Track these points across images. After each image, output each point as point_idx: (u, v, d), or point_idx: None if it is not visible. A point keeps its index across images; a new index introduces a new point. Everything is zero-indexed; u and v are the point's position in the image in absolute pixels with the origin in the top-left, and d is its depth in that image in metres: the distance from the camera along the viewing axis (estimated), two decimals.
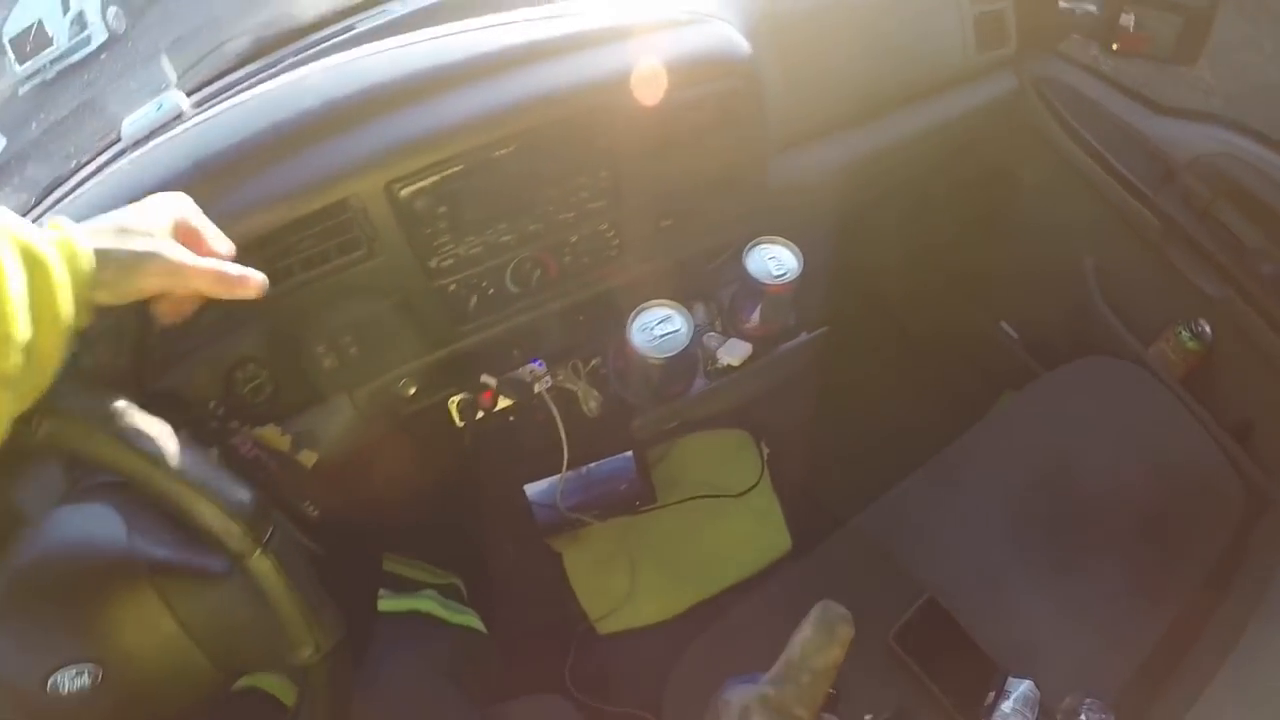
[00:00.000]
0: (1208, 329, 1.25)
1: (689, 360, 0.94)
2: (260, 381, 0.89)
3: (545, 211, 0.91)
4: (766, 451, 1.40)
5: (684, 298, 1.00)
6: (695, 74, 0.91)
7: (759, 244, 0.95)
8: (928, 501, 1.17)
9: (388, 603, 1.10)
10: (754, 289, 0.93)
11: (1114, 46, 1.26)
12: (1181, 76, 1.37)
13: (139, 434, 0.57)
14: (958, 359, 1.68)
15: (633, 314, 0.92)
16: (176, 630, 0.63)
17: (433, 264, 0.89)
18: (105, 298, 0.57)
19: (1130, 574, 1.10)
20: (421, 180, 0.83)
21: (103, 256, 0.56)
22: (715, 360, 0.97)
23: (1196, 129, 1.21)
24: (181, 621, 0.63)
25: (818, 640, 0.53)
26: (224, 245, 0.67)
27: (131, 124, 1.04)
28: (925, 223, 1.45)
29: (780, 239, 0.95)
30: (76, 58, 4.21)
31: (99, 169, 1.02)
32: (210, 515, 0.59)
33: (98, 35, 4.33)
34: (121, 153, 1.02)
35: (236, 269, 0.64)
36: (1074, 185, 1.33)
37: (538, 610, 1.37)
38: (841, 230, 1.22)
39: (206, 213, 0.73)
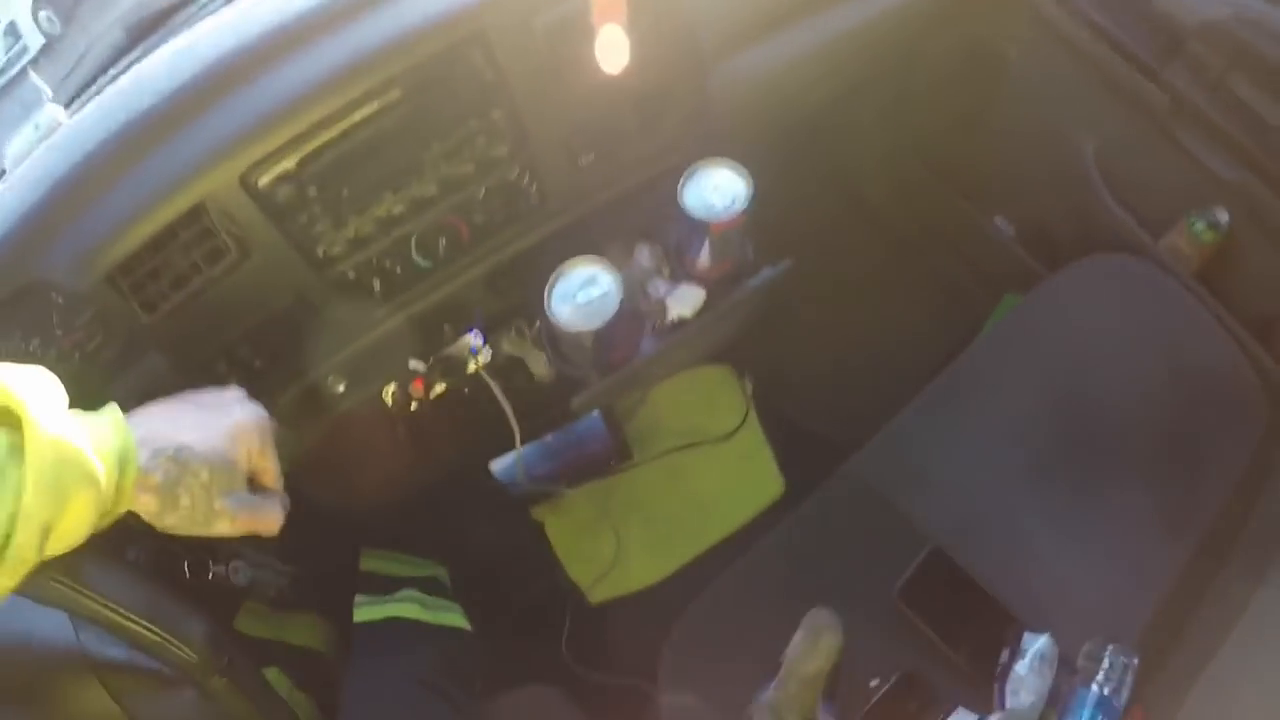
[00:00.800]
0: (1224, 216, 1.12)
1: (629, 321, 0.82)
2: None
3: (436, 170, 0.78)
4: (750, 386, 1.29)
5: (625, 240, 0.87)
6: None
7: (697, 171, 0.81)
8: (928, 437, 1.08)
9: (365, 611, 1.04)
10: (697, 226, 0.80)
11: None
12: None
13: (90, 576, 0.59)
14: (951, 261, 1.55)
15: (550, 280, 0.80)
16: None
17: (319, 253, 0.79)
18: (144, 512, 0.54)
19: (1152, 499, 1.02)
20: (278, 164, 0.72)
21: (163, 496, 0.53)
22: (665, 312, 0.84)
23: None
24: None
25: (803, 648, 0.57)
26: (277, 480, 0.64)
27: (15, 148, 0.97)
28: (905, 114, 1.31)
29: (724, 161, 0.82)
30: (16, 70, 3.99)
31: None
32: (169, 650, 0.62)
33: (33, 42, 4.11)
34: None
35: (278, 515, 0.61)
36: (1067, 61, 1.18)
37: (527, 586, 1.31)
38: (812, 132, 1.07)
39: (63, 254, 0.70)
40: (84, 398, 0.74)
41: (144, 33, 0.98)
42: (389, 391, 0.96)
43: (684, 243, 0.85)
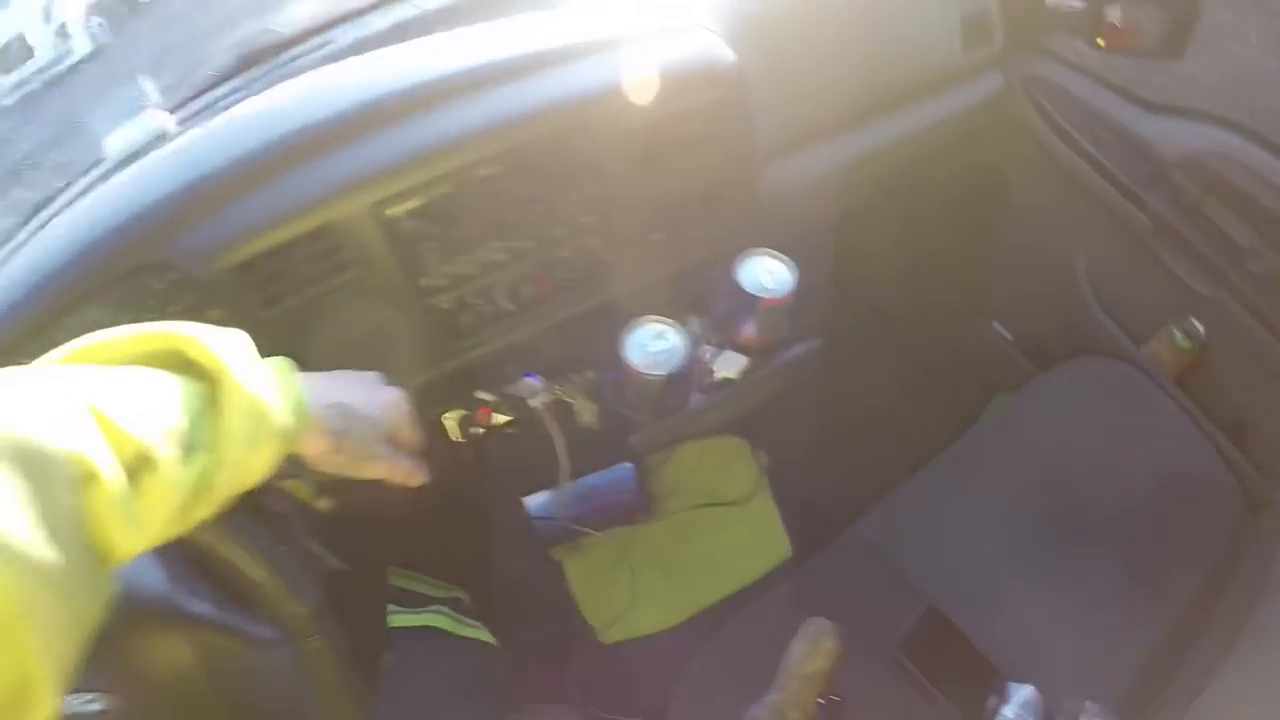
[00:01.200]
0: (1200, 328, 1.25)
1: (685, 375, 0.93)
2: None
3: (535, 228, 0.91)
4: (765, 459, 1.40)
5: (678, 310, 0.99)
6: (681, 86, 0.91)
7: (751, 256, 0.94)
8: (926, 507, 1.17)
9: (399, 618, 1.10)
10: (747, 302, 0.93)
11: (1100, 42, 1.26)
12: (1165, 68, 1.36)
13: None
14: (951, 360, 1.68)
15: (627, 331, 0.92)
16: (204, 684, 0.65)
17: (424, 282, 0.89)
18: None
19: (1130, 575, 1.11)
20: (408, 201, 0.83)
21: (330, 440, 0.61)
22: (711, 373, 0.96)
23: (1185, 126, 1.20)
24: (211, 676, 0.65)
25: (805, 651, 0.65)
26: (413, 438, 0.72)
27: (115, 144, 1.02)
28: (916, 224, 1.46)
29: (773, 251, 0.95)
30: (60, 69, 4.17)
31: (86, 190, 1.01)
32: (281, 602, 0.65)
33: (81, 47, 4.30)
34: (107, 174, 1.02)
35: (423, 471, 0.70)
36: (1063, 183, 1.32)
37: (541, 621, 1.37)
38: (839, 232, 1.21)
39: (182, 249, 0.77)
40: None
41: (253, 62, 1.12)
42: (451, 418, 1.05)
43: (732, 315, 0.97)
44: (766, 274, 0.93)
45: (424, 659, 1.08)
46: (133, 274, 0.79)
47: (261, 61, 1.13)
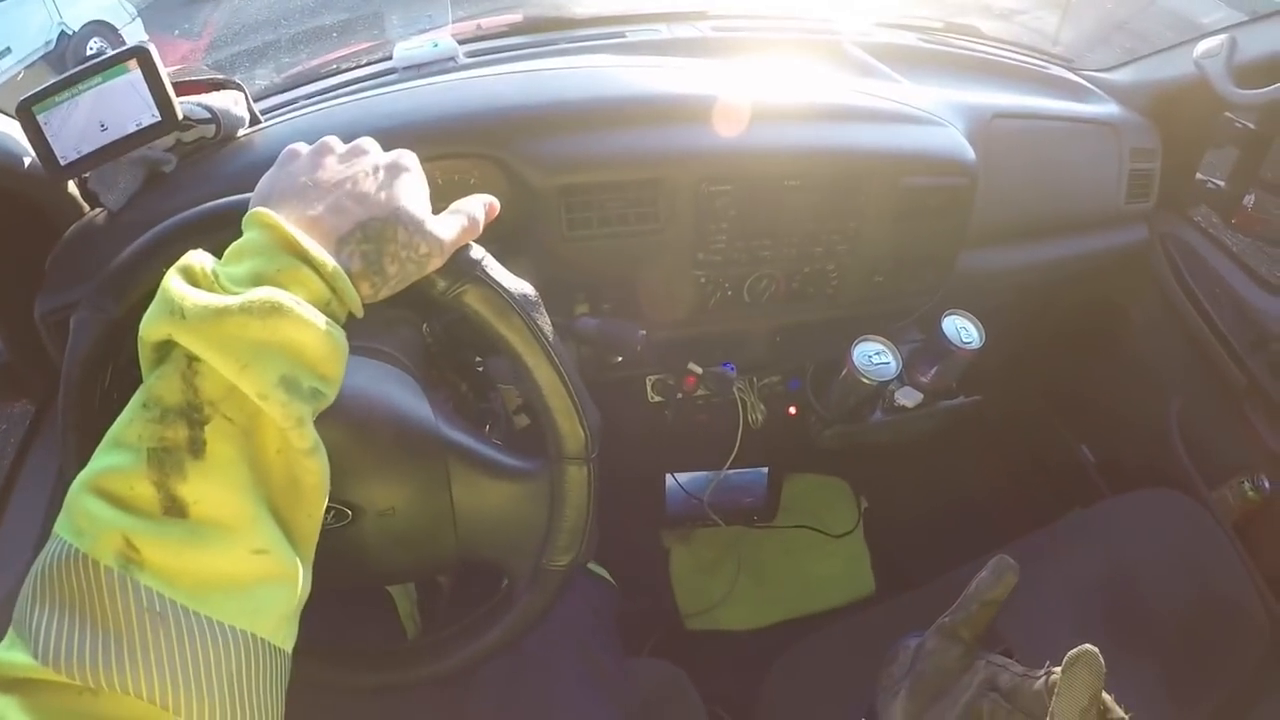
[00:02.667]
0: (1267, 484, 1.39)
1: (882, 392, 1.10)
2: None
3: (801, 241, 1.08)
4: (865, 505, 1.56)
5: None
6: (936, 165, 1.12)
7: (952, 314, 1.12)
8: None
9: None
10: (942, 349, 1.10)
11: (1232, 221, 1.47)
12: None
13: (545, 327, 0.60)
14: (1035, 468, 1.84)
15: (856, 340, 1.10)
16: (446, 506, 0.65)
17: (701, 255, 1.05)
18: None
19: (1166, 679, 1.22)
20: (725, 184, 1.00)
21: (372, 279, 0.52)
22: (894, 400, 1.14)
23: None
24: (454, 500, 0.65)
25: (990, 579, 0.63)
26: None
27: (405, 51, 1.16)
28: (1038, 335, 1.63)
29: (969, 314, 1.13)
30: None
31: (366, 79, 1.15)
32: (567, 415, 0.62)
33: None
34: (390, 73, 1.16)
35: (480, 209, 0.60)
36: (1176, 332, 1.50)
37: (631, 594, 1.48)
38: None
39: (522, 153, 0.88)
40: None
41: (541, 27, 1.29)
42: (651, 380, 1.19)
43: (921, 358, 1.15)
44: (962, 330, 1.11)
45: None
46: (456, 158, 0.90)
47: (549, 30, 1.30)
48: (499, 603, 0.69)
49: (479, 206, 0.59)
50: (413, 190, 0.55)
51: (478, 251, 0.58)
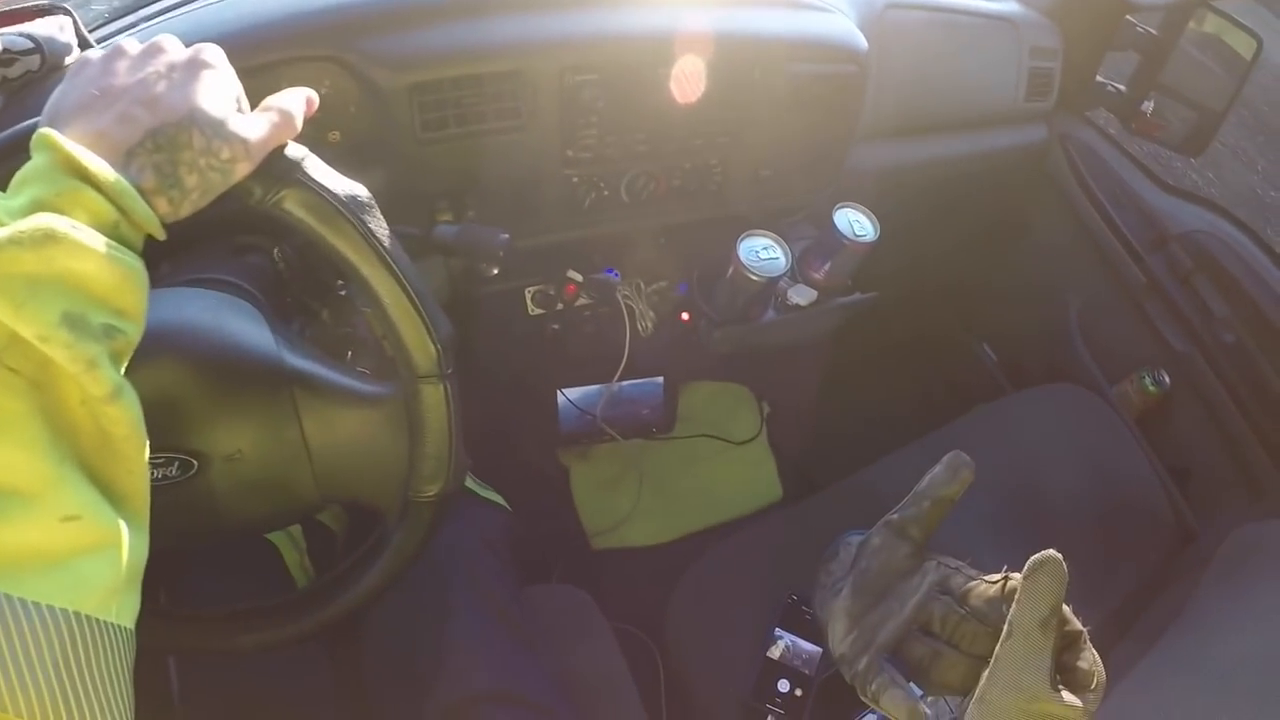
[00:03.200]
0: (1167, 378, 1.44)
1: (772, 289, 1.07)
2: None
3: (679, 133, 1.03)
4: (767, 410, 1.54)
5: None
6: (828, 53, 1.07)
7: (844, 206, 1.09)
8: (913, 469, 1.31)
9: None
10: (834, 243, 1.07)
11: (1132, 125, 1.48)
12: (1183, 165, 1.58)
13: (379, 231, 0.54)
14: (937, 369, 1.86)
15: (742, 235, 1.05)
16: (298, 443, 0.60)
17: (570, 153, 1.00)
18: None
19: (1076, 572, 1.25)
20: (591, 73, 0.94)
21: (169, 194, 0.47)
22: (786, 298, 1.11)
23: (1190, 209, 1.42)
24: (305, 435, 0.60)
25: (944, 476, 0.60)
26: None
27: None
28: (935, 235, 1.60)
29: (863, 207, 1.10)
30: None
31: None
32: (413, 327, 0.56)
33: None
34: None
35: (297, 104, 0.54)
36: (1075, 232, 1.52)
37: (532, 518, 1.46)
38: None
39: (367, 50, 0.81)
40: None
41: None
42: (530, 291, 1.15)
43: (813, 254, 1.12)
44: (855, 222, 1.08)
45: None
46: (302, 62, 0.83)
47: None
48: (373, 544, 0.64)
49: (295, 101, 0.53)
50: (212, 88, 0.49)
51: (296, 150, 0.52)
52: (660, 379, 1.37)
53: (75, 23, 0.89)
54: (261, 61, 0.81)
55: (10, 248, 0.38)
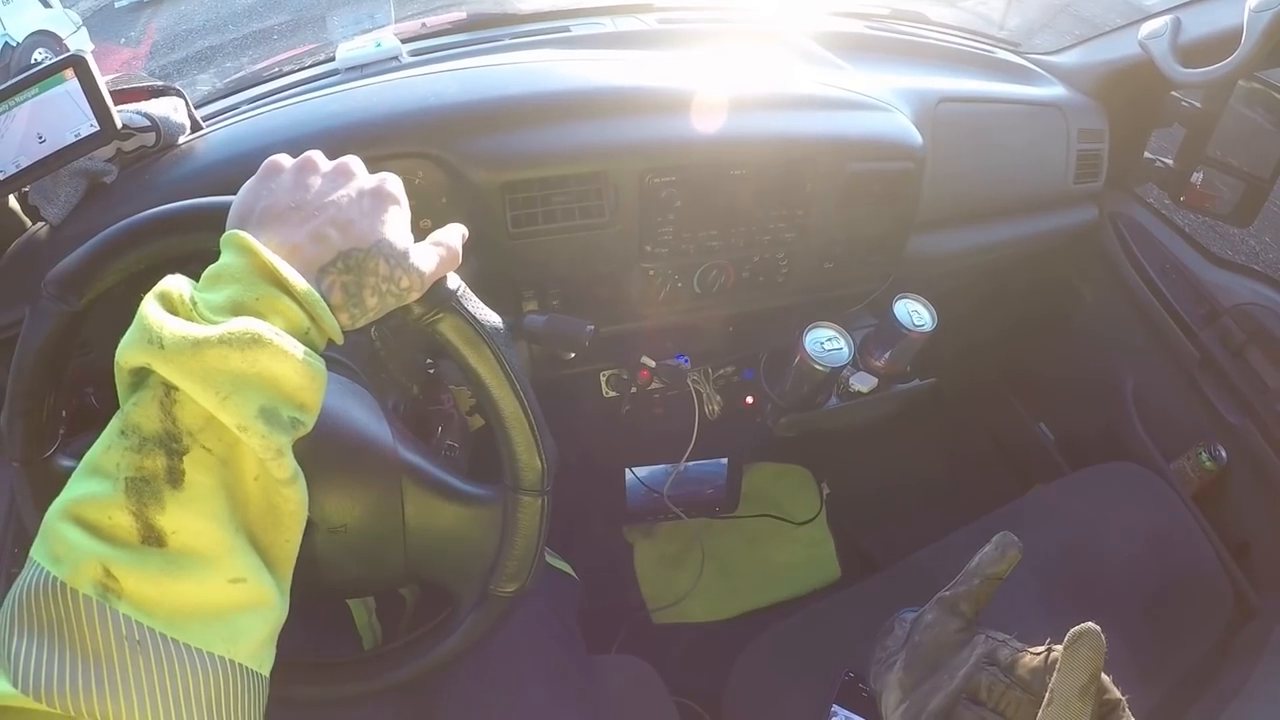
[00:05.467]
0: (1224, 453, 1.43)
1: (836, 378, 1.13)
2: None
3: (749, 229, 1.09)
4: (827, 491, 1.59)
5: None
6: (885, 151, 1.13)
7: (904, 297, 1.15)
8: (964, 557, 1.32)
9: None
10: (894, 333, 1.13)
11: (1181, 199, 1.48)
12: (1233, 234, 1.59)
13: (511, 359, 0.61)
14: (995, 449, 1.86)
15: (808, 327, 1.11)
16: (397, 527, 0.66)
17: (649, 247, 1.06)
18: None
19: (1131, 652, 1.22)
20: (670, 175, 1.01)
21: (351, 312, 0.53)
22: (848, 385, 1.16)
23: (1241, 281, 1.42)
24: (405, 520, 0.66)
25: (993, 555, 0.62)
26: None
27: (348, 52, 1.16)
28: (990, 317, 1.65)
29: (921, 298, 1.15)
30: None
31: (309, 81, 1.14)
32: (526, 445, 0.62)
33: None
34: (333, 74, 1.15)
35: (459, 240, 0.61)
36: (1127, 309, 1.53)
37: (596, 591, 1.49)
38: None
39: (464, 151, 0.87)
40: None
41: (484, 24, 1.30)
42: (605, 375, 1.21)
43: (874, 342, 1.17)
44: (914, 313, 1.13)
45: None
46: (401, 158, 0.90)
47: (493, 26, 1.31)
48: (442, 622, 0.69)
49: (457, 237, 0.60)
50: (396, 220, 0.55)
51: (454, 282, 0.59)
52: (725, 460, 1.42)
53: (187, 104, 0.98)
54: (363, 156, 0.90)
55: (220, 347, 0.44)
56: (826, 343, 1.10)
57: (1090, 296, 1.62)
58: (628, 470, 1.39)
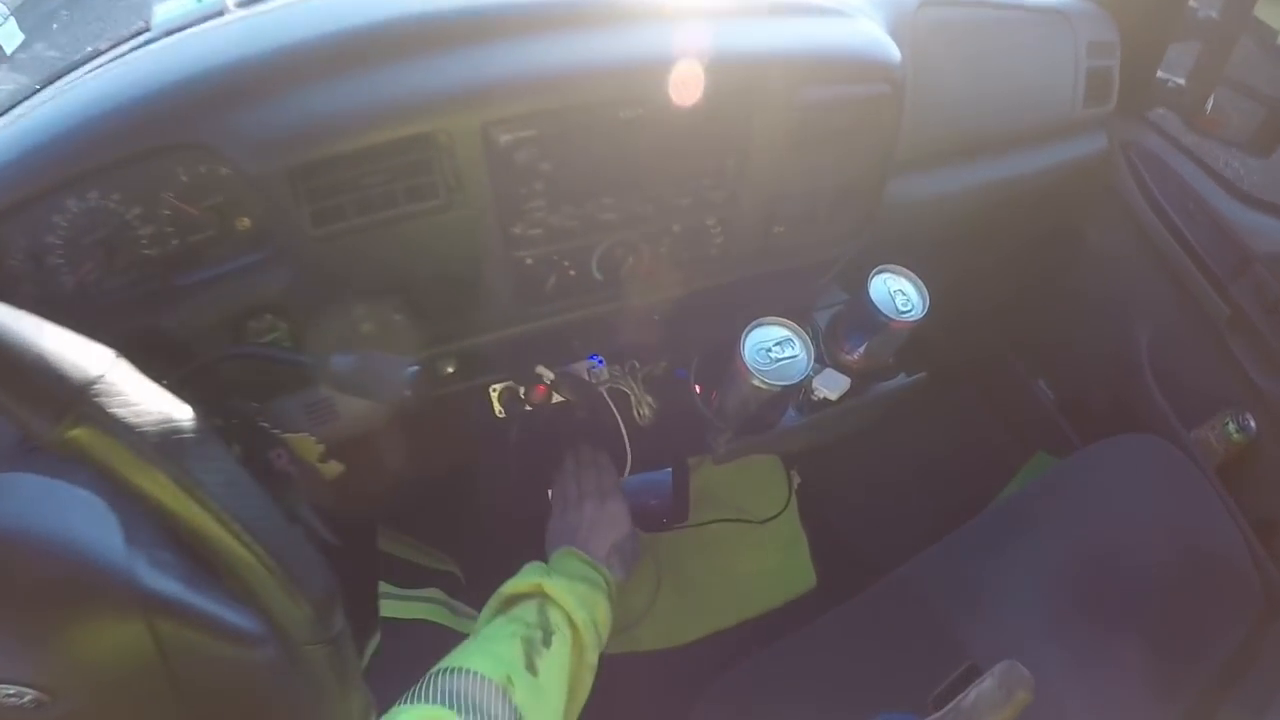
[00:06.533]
0: (1253, 423, 1.16)
1: (792, 394, 0.79)
2: (277, 336, 0.70)
3: (659, 192, 0.74)
4: (798, 481, 1.26)
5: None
6: (849, 71, 0.77)
7: (883, 271, 0.80)
8: (968, 562, 1.07)
9: (393, 606, 0.93)
10: (871, 320, 0.78)
11: (1195, 123, 1.19)
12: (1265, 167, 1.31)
13: (199, 468, 0.41)
14: (990, 410, 1.57)
15: (747, 329, 0.76)
16: (164, 688, 0.47)
17: (516, 230, 0.72)
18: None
19: (1154, 659, 1.02)
20: (528, 128, 0.66)
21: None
22: (810, 392, 0.82)
23: (1277, 224, 1.13)
24: (174, 678, 0.47)
25: (994, 697, 0.50)
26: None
27: (165, 13, 0.84)
28: (984, 268, 1.34)
29: (906, 271, 0.81)
30: None
31: (119, 58, 0.82)
32: (277, 597, 0.44)
33: None
34: (148, 43, 0.83)
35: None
36: (1143, 255, 1.23)
37: None
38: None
39: (229, 132, 0.60)
40: (171, 291, 0.64)
41: None
42: (497, 390, 0.89)
43: (844, 331, 0.83)
44: (898, 294, 0.79)
45: (414, 654, 0.92)
46: (155, 155, 0.62)
47: None
48: None
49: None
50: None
51: (95, 365, 0.41)
52: (668, 470, 1.10)
53: None
54: (112, 159, 0.61)
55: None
56: (775, 348, 0.75)
57: (1098, 239, 1.30)
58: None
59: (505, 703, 0.60)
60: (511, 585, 0.71)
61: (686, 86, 0.66)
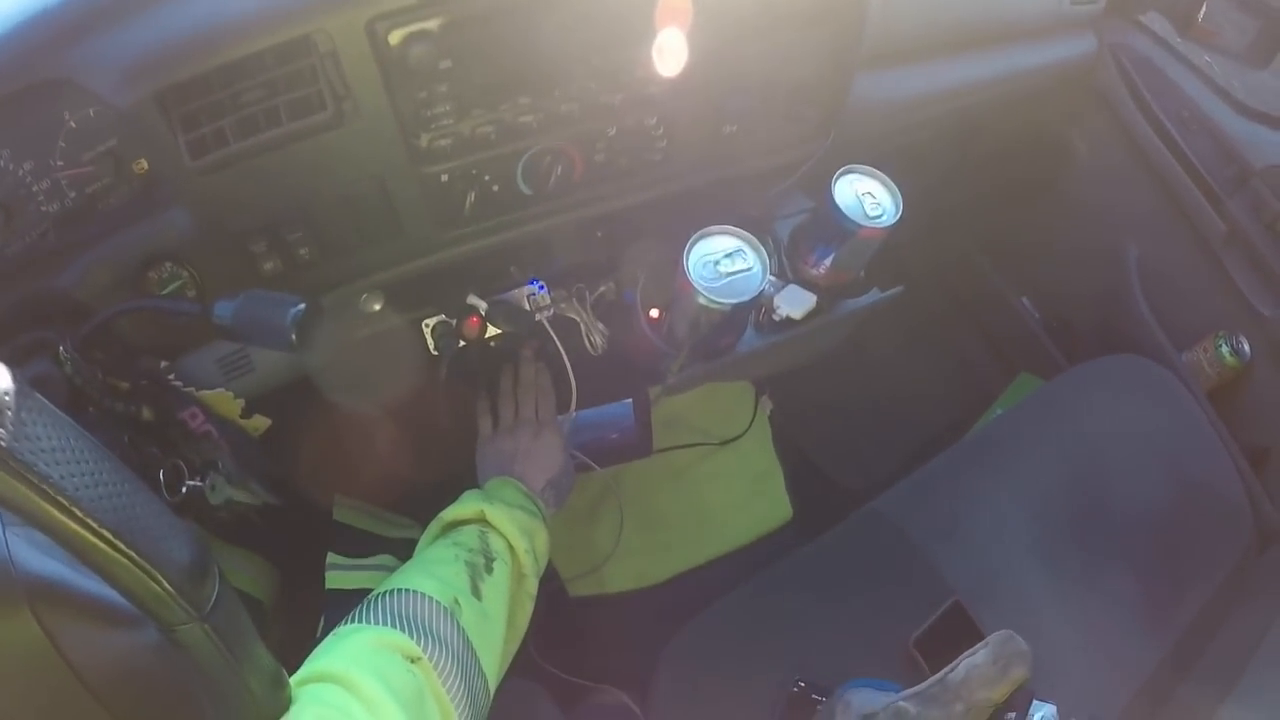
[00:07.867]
0: (1248, 346, 1.03)
1: (748, 311, 0.64)
2: (180, 285, 0.59)
3: (585, 88, 0.59)
4: (770, 408, 1.12)
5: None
6: None
7: (850, 172, 0.65)
8: (951, 492, 0.95)
9: (338, 577, 0.82)
10: (838, 228, 0.63)
11: (1188, 31, 1.01)
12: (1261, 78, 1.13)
13: (27, 448, 0.30)
14: (971, 330, 1.42)
15: (692, 240, 0.61)
16: (65, 679, 0.39)
17: (423, 142, 0.59)
18: None
19: (1142, 591, 0.93)
20: (421, 20, 0.53)
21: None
22: (772, 309, 0.67)
23: (1277, 136, 0.98)
24: (75, 669, 0.39)
25: (989, 673, 0.47)
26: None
27: None
28: (962, 176, 1.17)
29: (875, 171, 0.66)
30: None
31: None
32: (127, 577, 0.35)
33: None
34: None
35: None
36: (1133, 166, 1.07)
37: None
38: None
39: (85, 61, 0.51)
40: (67, 248, 0.55)
41: None
42: (429, 325, 0.76)
43: (808, 242, 0.68)
44: (866, 196, 0.63)
45: None
46: (24, 100, 0.52)
47: None
48: None
49: None
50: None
51: None
52: (629, 401, 0.96)
53: None
54: None
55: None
56: (724, 261, 0.60)
57: (1085, 149, 1.14)
58: None
59: (454, 625, 0.56)
60: (452, 511, 0.67)
61: None
